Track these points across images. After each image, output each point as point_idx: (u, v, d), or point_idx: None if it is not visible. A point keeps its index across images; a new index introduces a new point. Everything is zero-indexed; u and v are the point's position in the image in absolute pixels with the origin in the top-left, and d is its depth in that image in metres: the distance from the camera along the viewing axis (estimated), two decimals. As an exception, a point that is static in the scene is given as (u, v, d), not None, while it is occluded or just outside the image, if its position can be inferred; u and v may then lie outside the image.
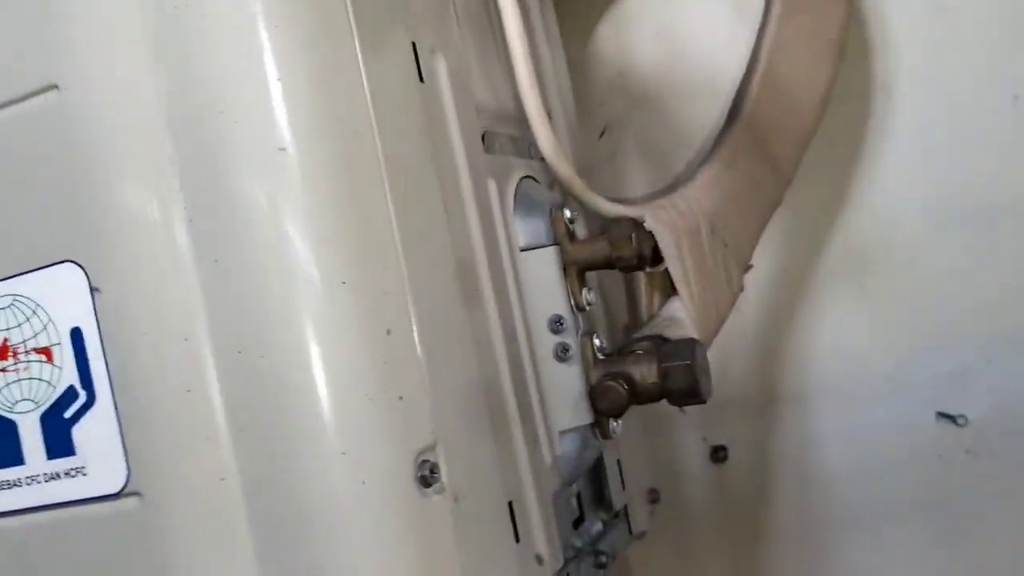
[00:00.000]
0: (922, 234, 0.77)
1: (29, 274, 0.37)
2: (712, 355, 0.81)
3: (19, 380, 0.37)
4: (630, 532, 0.59)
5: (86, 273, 0.36)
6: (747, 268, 0.69)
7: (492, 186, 0.49)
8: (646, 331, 0.59)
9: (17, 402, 0.37)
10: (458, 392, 0.40)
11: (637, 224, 0.52)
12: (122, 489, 0.36)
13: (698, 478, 0.84)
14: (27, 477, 0.38)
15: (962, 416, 0.77)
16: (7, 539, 0.38)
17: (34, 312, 0.37)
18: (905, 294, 0.78)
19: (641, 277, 0.63)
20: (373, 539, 0.34)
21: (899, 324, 0.78)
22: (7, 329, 0.37)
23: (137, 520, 0.36)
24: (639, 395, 0.50)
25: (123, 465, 0.36)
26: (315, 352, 0.34)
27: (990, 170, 0.75)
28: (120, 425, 0.36)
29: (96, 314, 0.36)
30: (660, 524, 0.83)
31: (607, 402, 0.49)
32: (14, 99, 0.36)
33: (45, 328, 0.36)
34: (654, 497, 0.63)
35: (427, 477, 0.36)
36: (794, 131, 0.68)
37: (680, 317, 0.61)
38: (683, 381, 0.49)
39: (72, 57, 0.35)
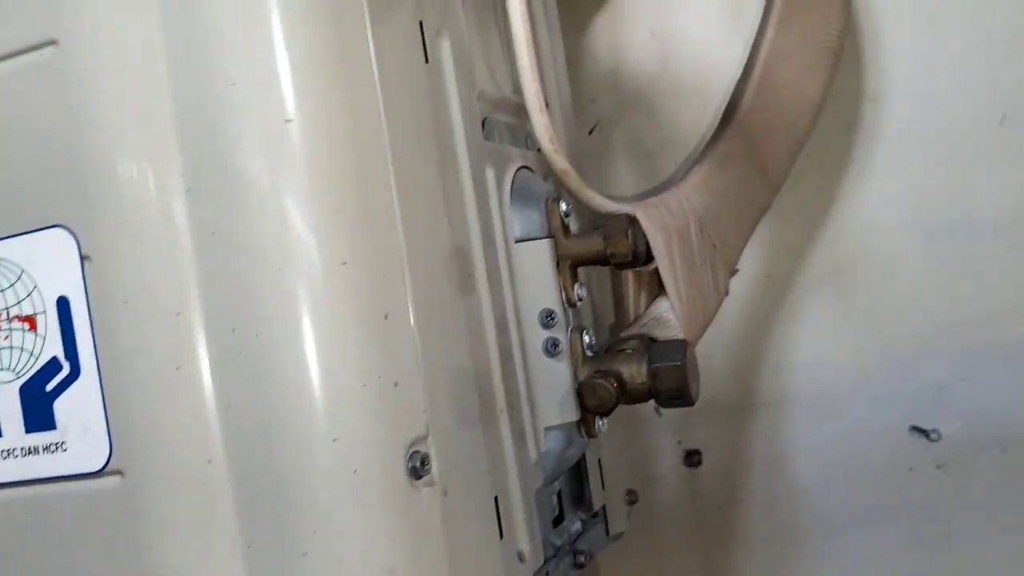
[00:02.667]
0: (904, 246, 0.77)
1: (16, 237, 0.35)
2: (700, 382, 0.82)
3: (-2, 349, 0.36)
4: (607, 533, 0.58)
5: (77, 240, 0.34)
6: (734, 272, 0.68)
7: (490, 173, 0.48)
8: (633, 330, 0.59)
9: (-6, 372, 0.36)
10: (451, 383, 0.39)
11: (632, 220, 0.51)
12: (104, 467, 0.34)
13: (672, 481, 0.84)
14: (3, 450, 0.36)
15: (935, 431, 0.78)
16: (-22, 514, 0.36)
17: (19, 278, 0.35)
18: (884, 306, 0.78)
19: (629, 276, 0.63)
20: (361, 529, 0.33)
21: (877, 335, 0.78)
22: None
23: (118, 500, 0.34)
24: (628, 394, 0.50)
25: (106, 442, 0.34)
26: (311, 333, 0.33)
27: (973, 186, 0.76)
28: (104, 400, 0.34)
29: (85, 283, 0.34)
30: (632, 525, 0.83)
31: (596, 400, 0.48)
32: (10, 53, 0.34)
33: (30, 295, 0.35)
34: (632, 499, 0.63)
35: (418, 468, 0.35)
36: (786, 137, 0.68)
37: (668, 318, 0.60)
38: (672, 382, 0.49)
39: (74, 12, 0.34)
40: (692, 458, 0.83)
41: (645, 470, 0.84)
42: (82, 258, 0.34)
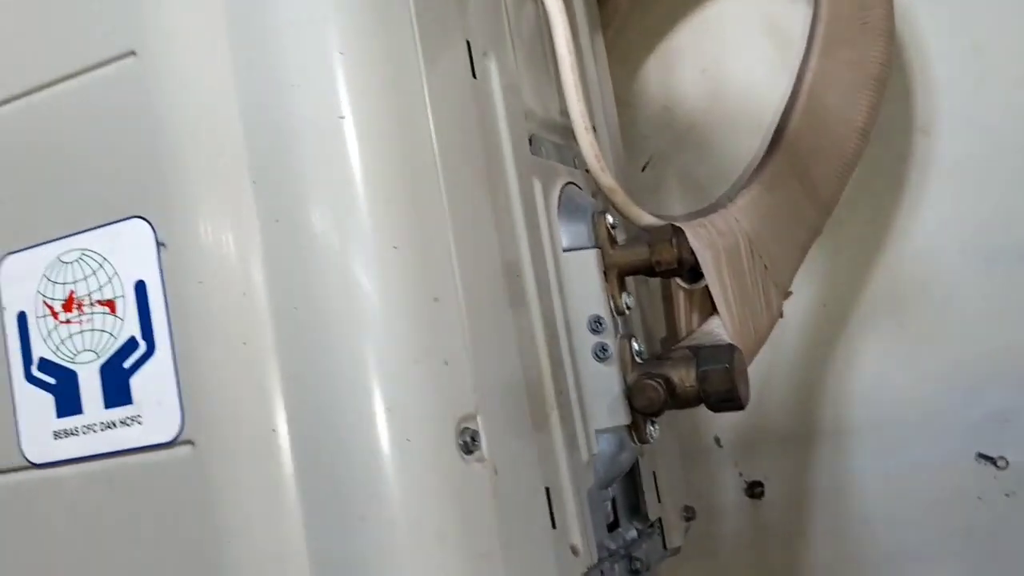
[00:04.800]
0: (960, 272, 0.77)
1: (98, 229, 0.39)
2: (750, 386, 0.82)
3: (82, 331, 0.39)
4: (664, 546, 0.59)
5: (153, 228, 0.38)
6: (787, 295, 0.69)
7: (537, 185, 0.50)
8: (683, 344, 0.60)
9: (79, 353, 0.39)
10: (500, 371, 0.41)
11: (677, 230, 0.53)
12: (176, 437, 0.37)
13: (733, 512, 0.84)
14: (84, 426, 0.39)
15: (1002, 458, 0.76)
16: (63, 487, 0.39)
17: (100, 266, 0.38)
18: (944, 332, 0.77)
19: (680, 295, 0.64)
20: (415, 496, 0.35)
21: (938, 363, 0.78)
22: (74, 282, 0.39)
23: (189, 468, 0.37)
24: (677, 398, 0.50)
25: (178, 414, 0.37)
26: (365, 311, 0.35)
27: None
28: (177, 375, 0.37)
29: (160, 268, 0.37)
30: (695, 557, 0.82)
31: (644, 400, 0.49)
32: (94, 64, 0.39)
33: (110, 281, 0.38)
34: (689, 515, 0.63)
35: (468, 444, 0.37)
36: (834, 161, 0.69)
37: (719, 334, 0.61)
38: (720, 384, 0.50)
39: (151, 26, 0.38)
40: (754, 489, 0.83)
41: (708, 501, 0.84)
42: (158, 245, 0.37)
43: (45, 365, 0.40)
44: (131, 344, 0.38)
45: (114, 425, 0.38)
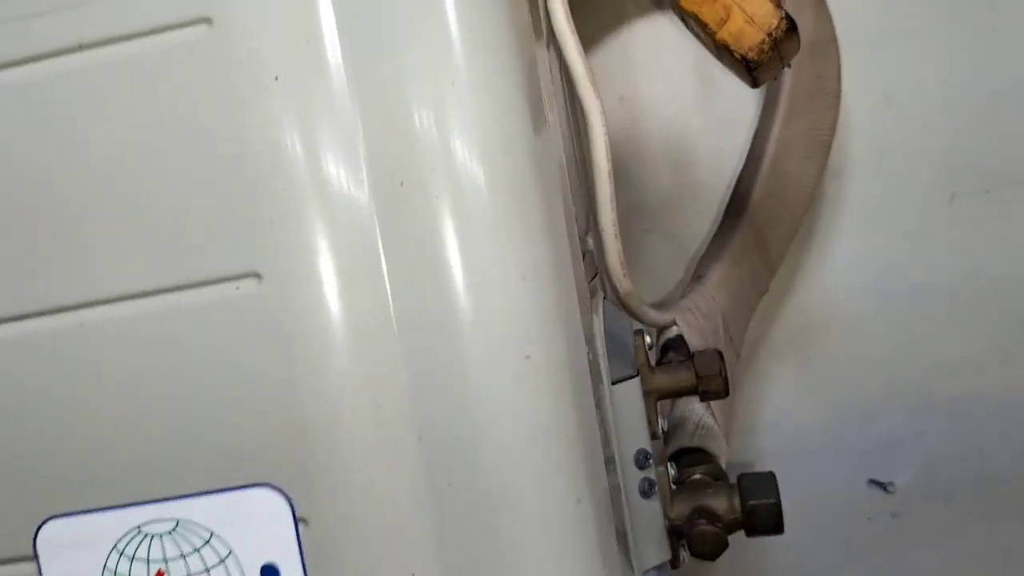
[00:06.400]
0: (861, 313, 0.82)
1: (206, 496, 0.29)
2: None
3: (179, 626, 0.30)
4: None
5: (289, 501, 0.29)
6: (738, 358, 0.70)
7: (596, 305, 0.46)
8: (683, 442, 0.59)
9: (176, 654, 0.30)
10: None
11: (719, 353, 0.51)
12: None
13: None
14: None
15: (891, 483, 0.83)
16: None
17: (206, 542, 0.29)
18: (844, 369, 0.82)
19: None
20: None
21: (837, 397, 0.83)
22: (164, 560, 0.29)
23: None
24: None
25: None
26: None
27: (923, 257, 0.81)
28: None
29: (300, 549, 0.29)
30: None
31: (706, 547, 0.48)
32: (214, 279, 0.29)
33: (223, 562, 0.29)
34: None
35: None
36: (788, 226, 0.70)
37: (708, 423, 0.61)
38: (770, 518, 0.49)
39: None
40: (665, 519, 0.85)
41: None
42: (297, 520, 0.29)
43: (122, 665, 0.30)
44: (258, 644, 0.30)
45: None
